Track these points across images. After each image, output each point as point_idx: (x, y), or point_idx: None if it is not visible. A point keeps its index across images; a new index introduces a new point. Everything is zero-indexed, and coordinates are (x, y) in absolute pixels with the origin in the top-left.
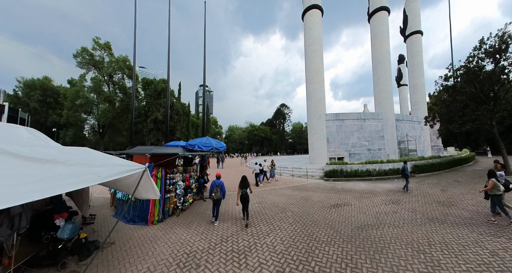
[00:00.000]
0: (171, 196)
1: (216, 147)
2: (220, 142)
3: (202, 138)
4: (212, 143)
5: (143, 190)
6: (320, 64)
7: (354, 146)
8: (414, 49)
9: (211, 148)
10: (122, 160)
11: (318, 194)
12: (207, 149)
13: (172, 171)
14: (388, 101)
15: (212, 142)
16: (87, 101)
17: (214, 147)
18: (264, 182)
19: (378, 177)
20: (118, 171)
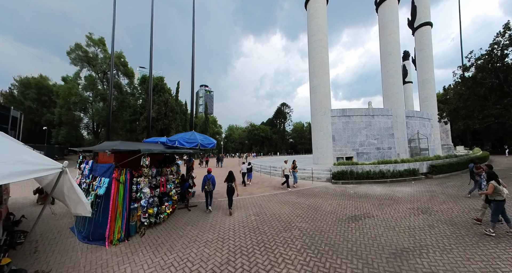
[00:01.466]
0: (138, 206)
1: (202, 143)
2: (208, 138)
3: (187, 132)
4: (197, 139)
5: (71, 201)
6: (325, 55)
7: (362, 144)
8: (423, 42)
9: (195, 144)
10: (36, 155)
11: (328, 201)
12: (191, 146)
13: (141, 174)
14: (398, 96)
15: (198, 138)
16: (81, 99)
17: (199, 143)
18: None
19: (392, 179)
20: (11, 171)
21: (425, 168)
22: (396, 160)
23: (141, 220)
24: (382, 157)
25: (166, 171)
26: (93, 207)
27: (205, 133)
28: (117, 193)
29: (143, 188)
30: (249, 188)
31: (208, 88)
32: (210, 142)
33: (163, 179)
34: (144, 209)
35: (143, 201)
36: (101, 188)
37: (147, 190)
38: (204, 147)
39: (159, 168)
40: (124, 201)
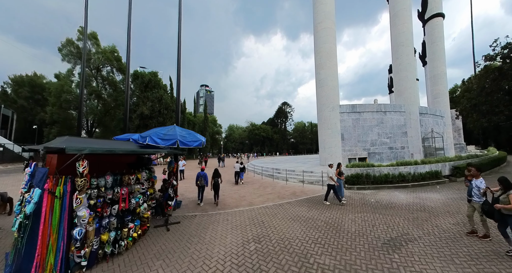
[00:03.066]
0: (87, 231)
1: (184, 140)
2: (193, 134)
3: (166, 126)
4: (176, 134)
5: None
6: (332, 45)
7: (373, 143)
8: (435, 35)
9: (173, 142)
10: None
11: (348, 214)
12: (166, 144)
13: (81, 185)
14: (412, 90)
15: (177, 133)
16: (74, 96)
17: (178, 140)
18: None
19: (414, 183)
20: None
21: (448, 169)
22: (416, 161)
23: (75, 259)
24: (395, 157)
25: (128, 180)
26: (21, 231)
27: (204, 133)
28: (50, 212)
29: (77, 208)
30: (249, 196)
31: (208, 88)
32: (195, 140)
33: (125, 191)
34: (77, 243)
35: (77, 231)
36: (29, 204)
37: (83, 213)
38: (186, 145)
39: (117, 176)
40: (61, 225)
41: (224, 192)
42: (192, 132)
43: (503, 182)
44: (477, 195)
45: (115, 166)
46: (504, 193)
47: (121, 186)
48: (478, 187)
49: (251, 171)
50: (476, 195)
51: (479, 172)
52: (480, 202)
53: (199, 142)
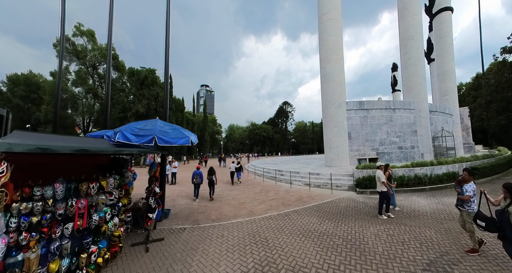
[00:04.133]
0: (27, 258)
1: (165, 138)
2: (178, 129)
3: (145, 120)
4: (154, 129)
5: None
6: (339, 38)
7: (382, 143)
8: (443, 30)
9: (149, 138)
10: None
11: (369, 226)
12: (141, 142)
13: None
14: (421, 87)
15: (157, 128)
16: (70, 95)
17: (155, 136)
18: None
19: (432, 186)
20: None
21: None
22: (433, 162)
23: None
24: (405, 157)
25: (87, 189)
26: None
27: (203, 133)
28: None
29: None
30: (249, 202)
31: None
32: (181, 136)
33: (82, 204)
34: None
35: None
36: None
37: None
38: (167, 143)
39: (71, 184)
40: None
41: (221, 196)
42: (178, 128)
43: (510, 189)
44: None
45: (76, 170)
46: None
47: (78, 197)
48: (467, 191)
49: (252, 172)
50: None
51: (471, 176)
52: (469, 211)
53: (185, 139)
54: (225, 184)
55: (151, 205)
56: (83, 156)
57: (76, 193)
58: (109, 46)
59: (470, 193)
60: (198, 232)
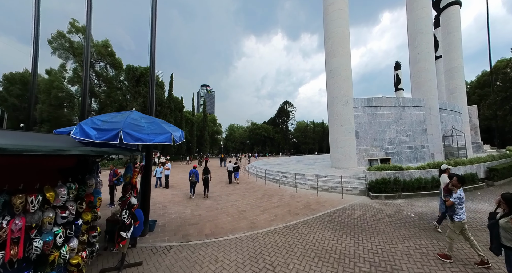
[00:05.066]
0: None
1: (134, 132)
2: (157, 123)
3: (115, 112)
4: (121, 123)
5: None
6: (345, 30)
7: (391, 142)
8: (451, 25)
9: (112, 135)
10: None
11: (396, 242)
12: (103, 138)
13: None
14: (431, 83)
15: (125, 122)
16: (66, 93)
17: (120, 131)
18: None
19: None
20: None
21: (482, 172)
22: (450, 162)
23: None
24: (415, 158)
25: (22, 203)
26: None
27: (203, 133)
28: None
29: None
30: (250, 211)
31: (209, 88)
32: (160, 132)
33: (18, 224)
34: None
35: None
36: None
37: None
38: (139, 141)
39: (1, 197)
40: None
41: (219, 202)
42: (157, 122)
43: (508, 201)
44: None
45: (29, 175)
46: (507, 215)
47: (12, 216)
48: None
49: (253, 174)
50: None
51: (460, 183)
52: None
53: (165, 136)
54: (223, 188)
55: (125, 220)
56: (37, 157)
57: (11, 209)
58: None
59: (454, 200)
60: (186, 253)
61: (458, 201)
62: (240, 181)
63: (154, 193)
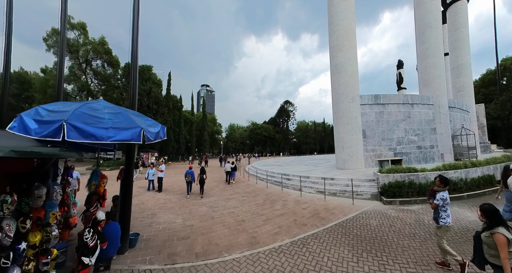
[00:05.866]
0: None
1: (86, 126)
2: (123, 115)
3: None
4: (69, 113)
5: None
6: (352, 22)
7: (400, 142)
8: (459, 20)
9: (53, 128)
10: None
11: (429, 265)
12: (44, 133)
13: None
14: (440, 80)
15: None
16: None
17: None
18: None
19: (470, 192)
20: None
21: (499, 173)
22: (466, 163)
23: None
24: (424, 158)
25: None
26: None
27: (202, 133)
28: None
29: None
30: (250, 220)
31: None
32: (125, 126)
33: None
34: None
35: None
36: None
37: None
38: (88, 138)
39: None
40: None
41: (215, 209)
42: (125, 113)
43: (487, 213)
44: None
45: None
46: (488, 229)
47: None
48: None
49: (253, 175)
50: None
51: (443, 184)
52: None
53: (131, 131)
54: (221, 191)
55: (87, 242)
56: None
57: None
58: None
59: (437, 202)
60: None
61: (441, 202)
62: (240, 183)
63: (145, 197)
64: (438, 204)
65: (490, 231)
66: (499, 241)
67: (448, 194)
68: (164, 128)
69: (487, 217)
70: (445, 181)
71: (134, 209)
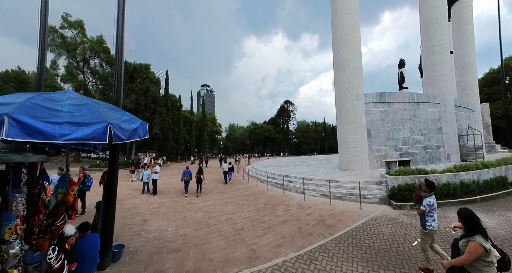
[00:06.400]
0: None
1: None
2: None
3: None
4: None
5: None
6: (356, 17)
7: (406, 142)
8: (463, 17)
9: None
10: None
11: None
12: None
13: None
14: (447, 77)
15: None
16: None
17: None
18: None
19: (483, 195)
20: None
21: (511, 174)
22: (477, 164)
23: None
24: (430, 159)
25: None
26: None
27: (202, 133)
28: None
29: None
30: (250, 230)
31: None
32: (91, 120)
33: None
34: None
35: None
36: None
37: None
38: (43, 138)
39: None
40: None
41: (211, 214)
42: (90, 104)
43: (463, 217)
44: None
45: None
46: (465, 237)
47: None
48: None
49: (253, 177)
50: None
51: (429, 188)
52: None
53: (94, 128)
54: (219, 194)
55: (51, 263)
56: None
57: None
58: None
59: (424, 208)
60: None
61: (428, 208)
62: (239, 185)
63: (138, 201)
64: (425, 210)
65: (467, 238)
66: (473, 250)
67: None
68: (146, 125)
69: (463, 222)
70: (431, 185)
71: (125, 214)
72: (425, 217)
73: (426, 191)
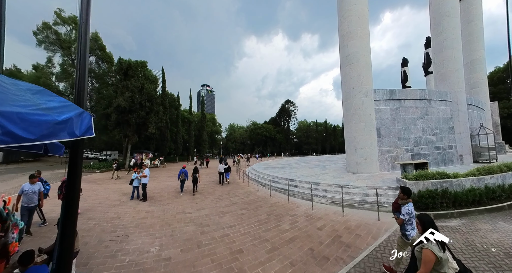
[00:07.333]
0: None
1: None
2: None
3: None
4: None
5: None
6: (364, 7)
7: (417, 142)
8: (473, 13)
9: None
10: None
11: None
12: None
13: None
14: (459, 74)
15: None
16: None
17: None
18: None
19: (511, 202)
20: None
21: None
22: (501, 167)
23: None
24: (443, 160)
25: None
26: None
27: (201, 132)
28: None
29: None
30: (250, 250)
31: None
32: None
33: None
34: None
35: None
36: None
37: None
38: None
39: None
40: None
41: (205, 227)
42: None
43: (421, 222)
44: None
45: None
46: (420, 243)
47: None
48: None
49: (253, 180)
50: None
51: (406, 195)
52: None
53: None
54: (216, 201)
55: None
56: None
57: None
58: None
59: (403, 216)
60: None
61: (407, 217)
62: (238, 190)
63: (124, 209)
64: (404, 219)
65: (421, 244)
66: (426, 257)
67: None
68: (89, 118)
69: (422, 227)
70: (407, 191)
71: (105, 227)
72: (405, 226)
73: (403, 199)
